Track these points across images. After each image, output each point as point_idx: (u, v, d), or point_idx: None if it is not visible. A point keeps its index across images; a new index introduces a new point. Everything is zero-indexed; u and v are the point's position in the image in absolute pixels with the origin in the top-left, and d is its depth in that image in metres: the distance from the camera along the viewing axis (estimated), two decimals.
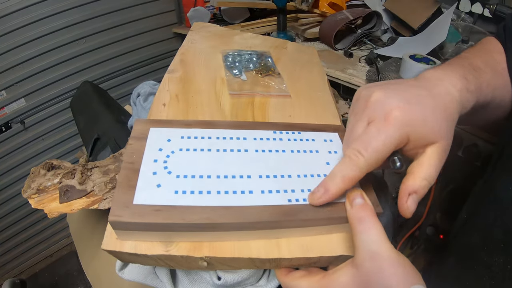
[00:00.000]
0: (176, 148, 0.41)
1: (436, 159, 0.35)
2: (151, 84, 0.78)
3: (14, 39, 1.53)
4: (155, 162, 0.38)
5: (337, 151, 0.45)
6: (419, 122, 0.34)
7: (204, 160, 0.40)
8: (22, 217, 1.88)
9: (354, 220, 0.33)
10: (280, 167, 0.41)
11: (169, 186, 0.36)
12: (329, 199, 0.35)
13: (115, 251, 0.34)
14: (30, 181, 0.54)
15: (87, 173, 0.54)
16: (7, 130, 1.68)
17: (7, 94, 1.61)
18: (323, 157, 0.43)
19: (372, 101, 0.36)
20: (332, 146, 0.46)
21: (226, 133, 0.44)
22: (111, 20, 1.76)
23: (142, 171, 0.37)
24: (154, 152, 0.40)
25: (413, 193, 0.35)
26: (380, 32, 1.44)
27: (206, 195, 0.36)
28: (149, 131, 0.43)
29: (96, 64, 1.82)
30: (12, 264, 1.98)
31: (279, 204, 0.36)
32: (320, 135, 0.47)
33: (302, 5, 1.56)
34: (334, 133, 0.48)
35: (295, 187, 0.38)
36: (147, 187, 0.35)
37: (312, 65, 0.70)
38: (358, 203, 0.34)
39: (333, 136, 0.47)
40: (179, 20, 2.00)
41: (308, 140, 0.46)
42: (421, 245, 1.29)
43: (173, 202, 0.34)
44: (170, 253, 0.33)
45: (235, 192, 0.36)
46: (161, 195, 0.35)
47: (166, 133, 0.43)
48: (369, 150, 0.33)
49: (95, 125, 0.86)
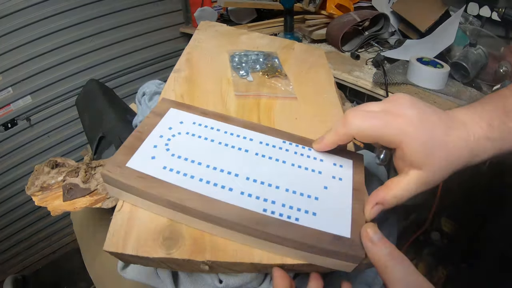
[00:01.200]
0: (183, 131, 0.44)
1: (413, 185, 0.36)
2: (156, 83, 0.77)
3: (22, 37, 1.54)
4: (160, 138, 0.42)
5: (342, 179, 0.41)
6: (418, 141, 0.35)
7: (204, 149, 0.42)
8: (26, 213, 1.89)
9: (383, 256, 0.32)
10: (271, 176, 0.40)
11: (161, 161, 0.39)
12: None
13: (117, 252, 0.33)
14: (34, 178, 0.54)
15: (91, 171, 0.54)
16: (13, 127, 1.68)
17: (14, 91, 1.62)
18: (323, 180, 0.41)
19: (401, 97, 0.38)
20: (339, 172, 0.42)
21: (236, 130, 0.45)
22: (118, 19, 1.77)
23: (145, 142, 0.41)
24: (163, 129, 0.43)
25: (380, 203, 0.37)
26: (387, 35, 1.44)
27: (189, 179, 0.37)
28: (169, 110, 0.46)
29: (103, 63, 1.83)
30: (15, 260, 1.99)
31: (252, 210, 0.35)
32: (331, 157, 0.44)
33: (309, 6, 1.56)
34: (348, 160, 0.44)
35: (277, 200, 0.37)
36: (143, 156, 0.39)
37: (319, 67, 0.70)
38: (379, 239, 0.33)
39: (345, 163, 0.43)
40: (186, 20, 2.00)
41: (316, 159, 0.43)
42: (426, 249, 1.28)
43: (158, 176, 0.37)
44: (172, 256, 0.33)
45: (215, 184, 0.37)
46: (151, 166, 0.38)
47: (182, 116, 0.46)
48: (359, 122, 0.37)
49: (100, 123, 0.86)
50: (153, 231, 0.35)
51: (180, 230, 0.36)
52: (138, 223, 0.36)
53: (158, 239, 0.35)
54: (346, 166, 0.43)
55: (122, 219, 0.36)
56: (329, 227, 0.35)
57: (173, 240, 0.35)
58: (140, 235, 0.35)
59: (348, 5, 1.54)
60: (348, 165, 0.43)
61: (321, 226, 0.35)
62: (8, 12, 1.46)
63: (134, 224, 0.36)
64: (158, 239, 0.35)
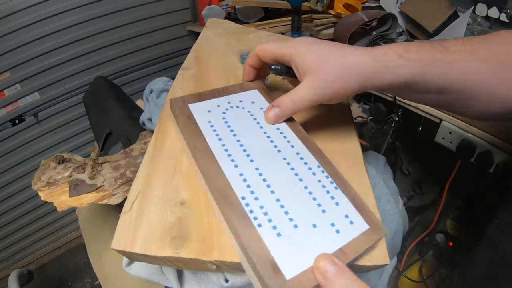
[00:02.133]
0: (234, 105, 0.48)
1: (307, 89, 0.41)
2: (164, 80, 0.78)
3: (30, 34, 1.55)
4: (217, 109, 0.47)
5: (339, 231, 0.35)
6: (308, 54, 0.41)
7: (246, 127, 0.45)
8: (32, 208, 1.90)
9: None
10: (286, 197, 0.37)
11: (213, 119, 0.45)
12: None
13: (125, 251, 0.34)
14: (40, 173, 0.54)
15: (97, 167, 0.55)
16: (21, 123, 1.70)
17: (21, 88, 1.63)
18: (326, 216, 0.36)
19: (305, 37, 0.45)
20: (343, 225, 0.36)
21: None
22: (126, 16, 1.77)
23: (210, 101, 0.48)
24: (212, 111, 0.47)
25: (276, 106, 0.43)
26: (395, 35, 1.43)
27: (220, 146, 0.41)
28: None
29: (110, 60, 1.83)
30: (20, 255, 2.01)
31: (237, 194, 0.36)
32: (347, 207, 0.38)
33: (317, 5, 1.55)
34: (361, 218, 0.37)
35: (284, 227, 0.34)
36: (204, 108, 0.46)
37: None
38: (333, 273, 0.29)
39: (359, 220, 0.37)
40: (193, 18, 2.00)
41: (334, 198, 0.38)
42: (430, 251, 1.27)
43: (202, 126, 0.43)
44: (180, 255, 0.33)
45: (230, 155, 0.40)
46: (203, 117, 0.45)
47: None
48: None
49: (107, 120, 0.86)
50: (161, 230, 0.35)
51: (188, 230, 0.36)
52: (146, 221, 0.36)
53: (166, 238, 0.35)
54: (357, 222, 0.37)
55: (130, 217, 0.36)
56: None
57: (180, 239, 0.35)
58: (148, 233, 0.35)
59: (356, 5, 1.53)
60: (360, 222, 0.37)
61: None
62: (17, 9, 1.47)
63: (142, 222, 0.36)
64: (166, 238, 0.35)
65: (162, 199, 0.38)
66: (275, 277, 0.30)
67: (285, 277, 0.30)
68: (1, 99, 1.60)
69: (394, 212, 0.59)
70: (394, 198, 0.61)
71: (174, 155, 0.44)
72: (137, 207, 0.37)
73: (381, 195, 0.59)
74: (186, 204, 0.38)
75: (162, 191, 0.39)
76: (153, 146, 0.44)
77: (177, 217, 0.37)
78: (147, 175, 0.40)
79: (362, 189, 0.43)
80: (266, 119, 0.44)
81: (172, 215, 0.37)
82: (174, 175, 0.41)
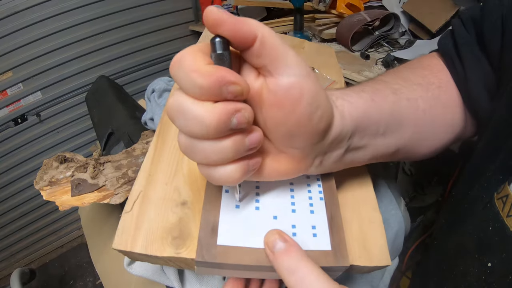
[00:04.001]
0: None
1: None
2: (165, 80, 0.77)
3: (32, 33, 1.55)
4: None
5: (296, 234, 0.33)
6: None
7: None
8: (35, 207, 1.91)
9: (283, 271, 0.28)
10: (275, 203, 0.36)
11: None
12: None
13: (126, 251, 0.34)
14: (43, 173, 0.54)
15: (99, 167, 0.55)
16: (23, 122, 1.70)
17: (24, 87, 1.63)
18: (292, 215, 0.35)
19: None
20: (303, 231, 0.34)
21: None
22: (129, 16, 1.78)
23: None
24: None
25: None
26: (397, 35, 1.43)
27: None
28: None
29: (113, 60, 1.84)
30: (23, 254, 2.01)
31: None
32: (319, 221, 0.35)
33: (320, 5, 1.55)
34: (327, 237, 0.34)
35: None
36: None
37: (330, 67, 0.69)
38: (281, 249, 0.29)
39: (324, 238, 0.34)
40: (195, 18, 2.01)
41: (312, 206, 0.36)
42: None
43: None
44: (181, 255, 0.33)
45: None
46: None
47: None
48: None
49: (109, 120, 0.86)
50: (162, 230, 0.35)
51: (189, 230, 0.35)
52: (147, 221, 0.36)
53: (167, 238, 0.35)
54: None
55: (131, 217, 0.36)
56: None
57: (182, 239, 0.35)
58: (149, 233, 0.35)
59: (359, 5, 1.53)
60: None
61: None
62: (19, 9, 1.48)
63: (143, 222, 0.36)
64: (167, 238, 0.35)
65: (163, 199, 0.38)
66: (209, 238, 0.31)
67: (217, 241, 0.31)
68: (3, 98, 1.61)
69: (396, 212, 0.59)
70: (396, 199, 0.61)
71: (176, 155, 0.44)
72: (138, 207, 0.37)
73: (383, 196, 0.59)
74: (187, 204, 0.38)
75: (163, 191, 0.39)
76: (154, 146, 0.44)
77: (178, 217, 0.36)
78: (149, 175, 0.40)
79: (363, 189, 0.43)
80: None
81: (173, 215, 0.37)
82: (175, 175, 0.41)
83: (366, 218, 0.40)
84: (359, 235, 0.38)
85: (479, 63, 0.42)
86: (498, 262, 0.36)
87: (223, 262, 0.30)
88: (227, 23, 0.24)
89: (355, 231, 0.38)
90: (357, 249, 0.37)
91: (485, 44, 0.41)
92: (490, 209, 0.37)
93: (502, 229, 0.35)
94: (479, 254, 0.38)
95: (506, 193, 0.35)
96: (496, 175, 0.37)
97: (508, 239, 0.34)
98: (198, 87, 0.24)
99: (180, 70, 0.24)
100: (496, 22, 0.39)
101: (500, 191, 0.36)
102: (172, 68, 0.25)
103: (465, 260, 0.41)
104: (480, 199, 0.39)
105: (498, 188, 0.36)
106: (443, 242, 0.49)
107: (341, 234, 0.34)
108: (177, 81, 0.25)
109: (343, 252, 0.33)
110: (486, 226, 0.37)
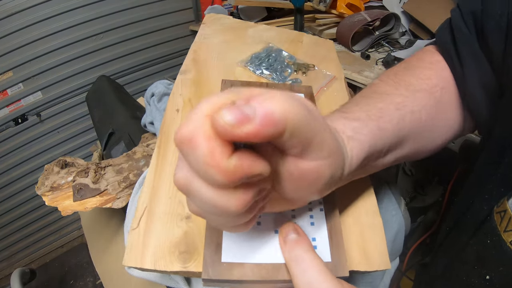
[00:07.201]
0: None
1: None
2: (165, 83, 0.77)
3: (33, 33, 1.55)
4: None
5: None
6: None
7: None
8: (35, 207, 1.91)
9: (290, 261, 0.29)
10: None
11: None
12: None
13: (136, 267, 0.34)
14: (44, 178, 0.54)
15: (100, 171, 0.55)
16: (23, 122, 1.70)
17: (24, 87, 1.63)
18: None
19: None
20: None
21: None
22: (129, 16, 1.78)
23: None
24: None
25: None
26: (398, 35, 1.43)
27: None
28: None
29: (113, 60, 1.84)
30: (23, 254, 2.02)
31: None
32: (320, 232, 0.35)
33: (320, 5, 1.55)
34: (327, 249, 0.34)
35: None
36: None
37: (330, 61, 0.68)
38: (292, 239, 0.31)
39: (324, 249, 0.34)
40: (196, 18, 2.01)
41: (312, 218, 0.36)
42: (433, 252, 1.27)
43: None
44: (188, 269, 0.34)
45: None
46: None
47: None
48: None
49: (110, 120, 0.86)
50: (169, 244, 0.35)
51: (195, 244, 0.36)
52: (154, 237, 0.36)
53: (174, 252, 0.35)
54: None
55: (138, 234, 0.36)
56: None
57: (188, 253, 0.35)
58: (157, 249, 0.35)
59: (359, 5, 1.52)
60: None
61: None
62: (19, 9, 1.48)
63: (150, 238, 0.36)
64: (174, 252, 0.35)
65: (168, 214, 0.38)
66: (214, 255, 0.31)
67: (221, 258, 0.31)
68: (4, 98, 1.61)
69: (396, 213, 0.59)
70: (396, 199, 0.61)
71: None
72: (145, 223, 0.37)
73: (383, 196, 0.59)
74: (191, 217, 0.38)
75: (167, 206, 0.39)
76: (156, 157, 0.44)
77: (184, 232, 0.37)
78: (152, 188, 0.40)
79: (364, 193, 0.43)
80: None
81: (179, 229, 0.37)
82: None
83: (367, 223, 0.40)
84: (359, 241, 0.38)
85: (478, 62, 0.41)
86: (496, 275, 0.36)
87: (228, 278, 0.31)
88: (250, 134, 0.19)
89: (355, 236, 0.38)
90: (357, 255, 0.37)
91: (486, 42, 0.39)
92: (489, 222, 0.37)
93: (499, 243, 0.35)
94: (478, 266, 0.39)
95: (504, 208, 0.35)
96: (497, 187, 0.37)
97: (505, 253, 0.34)
98: (216, 181, 0.20)
99: (192, 156, 0.20)
100: (500, 20, 0.37)
101: (500, 205, 0.36)
102: (181, 147, 0.21)
103: (466, 272, 0.41)
104: (481, 210, 0.39)
105: (498, 201, 0.36)
106: (448, 247, 0.49)
107: (341, 245, 0.34)
108: (187, 161, 0.22)
109: (342, 263, 0.33)
110: (485, 239, 0.37)
